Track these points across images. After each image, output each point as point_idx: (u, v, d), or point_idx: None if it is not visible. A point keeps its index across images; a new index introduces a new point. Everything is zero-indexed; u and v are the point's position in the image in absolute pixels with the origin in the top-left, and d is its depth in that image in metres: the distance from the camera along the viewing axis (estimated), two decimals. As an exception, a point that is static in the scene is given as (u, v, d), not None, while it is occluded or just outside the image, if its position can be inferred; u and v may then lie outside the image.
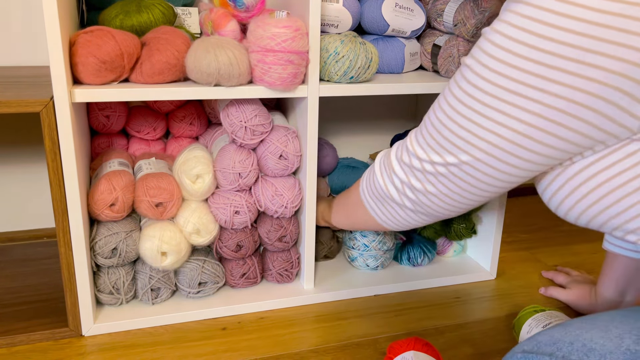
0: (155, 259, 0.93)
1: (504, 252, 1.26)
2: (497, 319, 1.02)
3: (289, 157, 0.98)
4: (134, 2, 0.93)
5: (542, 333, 0.58)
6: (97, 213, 0.90)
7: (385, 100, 1.39)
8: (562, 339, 0.54)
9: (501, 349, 0.93)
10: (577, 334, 0.54)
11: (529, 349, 0.56)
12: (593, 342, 0.52)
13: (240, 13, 0.94)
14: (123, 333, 0.93)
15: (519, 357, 0.56)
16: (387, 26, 1.05)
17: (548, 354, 0.53)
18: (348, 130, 1.40)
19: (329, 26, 1.00)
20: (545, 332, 0.58)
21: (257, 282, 1.06)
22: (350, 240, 1.12)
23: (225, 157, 0.96)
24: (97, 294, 0.95)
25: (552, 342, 0.55)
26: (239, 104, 0.95)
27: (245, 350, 0.90)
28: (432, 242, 1.19)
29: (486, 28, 0.58)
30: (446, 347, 0.93)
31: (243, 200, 0.98)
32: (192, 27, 1.01)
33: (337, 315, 1.01)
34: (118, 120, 1.03)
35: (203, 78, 0.85)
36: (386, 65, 1.07)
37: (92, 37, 0.82)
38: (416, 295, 1.09)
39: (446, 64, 1.05)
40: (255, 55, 0.87)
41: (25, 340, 0.89)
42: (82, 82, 0.84)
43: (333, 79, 0.96)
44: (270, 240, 1.02)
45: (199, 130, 1.10)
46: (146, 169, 0.97)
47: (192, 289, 0.99)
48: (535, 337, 0.58)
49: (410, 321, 1.00)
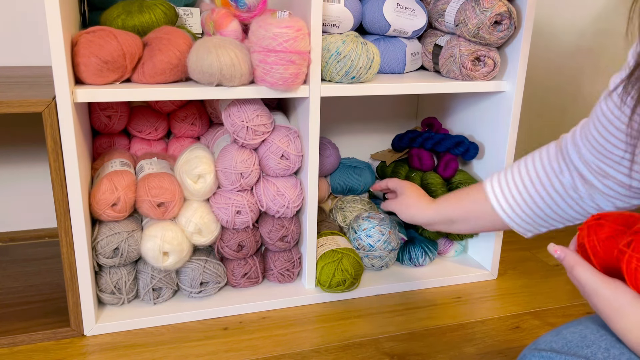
0: (156, 258, 0.93)
1: (505, 252, 1.26)
2: (498, 318, 1.02)
3: (291, 157, 0.98)
4: (135, 3, 0.93)
5: (571, 330, 0.55)
6: (99, 213, 0.90)
7: (387, 101, 1.40)
8: (597, 342, 0.52)
9: (503, 349, 0.93)
10: (615, 340, 0.52)
11: (558, 347, 0.53)
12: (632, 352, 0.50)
13: (242, 13, 0.94)
14: (125, 333, 0.94)
15: (546, 355, 0.53)
16: (388, 26, 1.05)
17: (583, 356, 0.51)
18: (349, 130, 1.40)
19: (331, 26, 1.00)
20: (575, 330, 0.55)
21: (258, 282, 1.06)
22: (355, 240, 1.12)
23: (227, 157, 0.96)
24: (98, 294, 0.95)
25: (585, 344, 0.53)
26: (241, 104, 0.95)
27: (247, 350, 0.90)
28: (434, 242, 1.19)
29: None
30: (447, 347, 0.93)
31: (244, 200, 0.98)
32: (193, 27, 1.01)
33: (338, 315, 1.01)
34: (120, 120, 1.03)
35: (205, 78, 0.86)
36: (387, 66, 1.07)
37: (94, 37, 0.82)
38: (417, 295, 1.09)
39: (447, 64, 1.05)
40: (257, 56, 0.87)
41: (27, 340, 0.89)
42: (84, 82, 0.84)
43: (334, 79, 0.96)
44: (271, 240, 1.02)
45: (201, 130, 1.10)
46: (148, 169, 0.97)
47: (193, 288, 0.99)
48: (562, 333, 0.55)
49: (411, 321, 1.00)
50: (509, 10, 0.97)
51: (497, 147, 1.10)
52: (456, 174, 1.16)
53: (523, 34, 1.00)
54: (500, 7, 0.96)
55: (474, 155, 1.14)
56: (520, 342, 0.95)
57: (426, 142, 1.18)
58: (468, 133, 1.20)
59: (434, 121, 1.25)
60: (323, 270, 1.03)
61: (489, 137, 1.13)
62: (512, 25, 0.98)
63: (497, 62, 1.03)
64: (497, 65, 1.03)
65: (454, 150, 1.15)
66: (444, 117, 1.29)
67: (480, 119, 1.15)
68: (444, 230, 0.91)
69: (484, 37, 0.98)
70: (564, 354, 0.52)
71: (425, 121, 1.27)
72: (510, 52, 1.04)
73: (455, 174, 1.16)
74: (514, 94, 1.04)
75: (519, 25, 1.01)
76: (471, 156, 1.14)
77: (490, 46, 1.02)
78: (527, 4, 0.99)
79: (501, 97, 1.08)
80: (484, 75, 1.03)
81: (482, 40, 1.00)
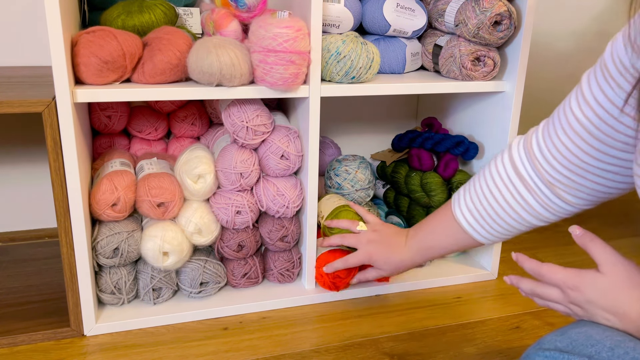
0: (156, 259, 0.93)
1: (505, 252, 1.26)
2: (498, 318, 1.02)
3: (291, 157, 0.98)
4: (135, 3, 0.93)
5: (577, 330, 0.55)
6: (98, 213, 0.90)
7: (387, 101, 1.40)
8: (602, 341, 0.52)
9: (503, 349, 0.93)
10: (620, 340, 0.52)
11: (562, 347, 0.53)
12: (637, 351, 0.50)
13: (242, 13, 0.94)
14: (124, 333, 0.94)
15: (550, 355, 0.53)
16: (388, 26, 1.05)
17: (587, 355, 0.51)
18: (349, 130, 1.40)
19: (331, 26, 1.00)
20: (581, 330, 0.55)
21: (258, 282, 1.06)
22: (328, 180, 1.12)
23: (227, 157, 0.96)
24: (98, 294, 0.95)
25: (590, 343, 0.52)
26: (241, 104, 0.95)
27: (247, 350, 0.90)
28: (433, 242, 1.19)
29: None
30: (448, 347, 0.93)
31: (244, 200, 0.98)
32: (193, 27, 1.01)
33: (338, 315, 1.01)
34: (120, 121, 1.03)
35: (205, 78, 0.86)
36: (387, 66, 1.07)
37: (94, 37, 0.82)
38: (417, 295, 1.09)
39: (447, 64, 1.05)
40: (257, 56, 0.87)
41: (27, 340, 0.89)
42: (84, 82, 0.84)
43: (334, 79, 0.96)
44: (271, 240, 1.02)
45: (201, 130, 1.10)
46: (148, 169, 0.97)
47: (193, 289, 0.99)
48: (568, 333, 0.55)
49: (411, 321, 1.00)
50: (509, 10, 0.97)
51: (497, 147, 1.10)
52: (456, 174, 1.16)
53: (523, 34, 1.00)
54: (500, 7, 0.96)
55: (474, 155, 1.14)
56: (520, 342, 0.95)
57: (426, 142, 1.18)
58: (468, 133, 1.20)
59: (433, 121, 1.25)
60: (339, 216, 1.04)
61: (489, 137, 1.13)
62: (512, 25, 0.98)
63: (497, 62, 1.03)
64: (497, 65, 1.03)
65: (454, 150, 1.15)
66: (443, 117, 1.29)
67: (480, 119, 1.15)
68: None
69: (484, 37, 0.98)
70: (569, 353, 0.52)
71: (425, 121, 1.27)
72: (510, 52, 1.04)
73: (455, 174, 1.16)
74: (514, 94, 1.04)
75: (519, 25, 1.01)
76: (471, 156, 1.14)
77: (490, 46, 1.02)
78: (527, 4, 0.99)
79: (501, 97, 1.08)
80: (484, 75, 1.03)
81: (482, 41, 1.00)
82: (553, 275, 0.64)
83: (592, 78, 0.65)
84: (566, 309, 0.64)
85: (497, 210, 0.77)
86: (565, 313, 0.66)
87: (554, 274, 0.64)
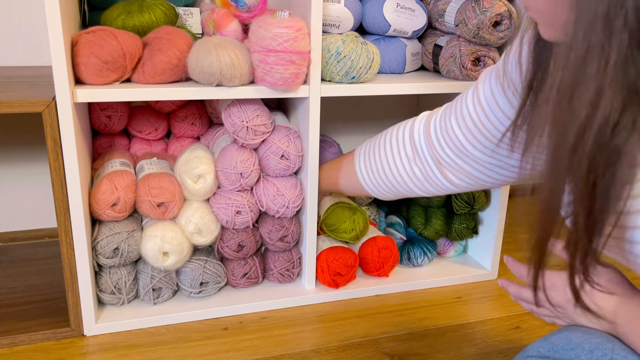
0: (156, 259, 0.93)
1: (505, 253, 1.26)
2: (498, 318, 1.02)
3: (291, 157, 0.98)
4: (135, 3, 0.93)
5: (558, 336, 0.56)
6: (98, 213, 0.90)
7: (387, 100, 1.40)
8: (582, 345, 0.53)
9: (502, 349, 0.93)
10: (598, 342, 0.53)
11: (545, 353, 0.54)
12: (615, 352, 0.51)
13: (242, 13, 0.94)
14: (124, 333, 0.94)
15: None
16: (388, 26, 1.05)
17: (567, 359, 0.52)
18: (349, 130, 1.40)
19: (331, 26, 1.00)
20: (562, 335, 0.56)
21: (258, 282, 1.06)
22: None
23: (227, 157, 0.96)
24: (98, 294, 0.95)
25: (570, 347, 0.53)
26: (241, 104, 0.95)
27: (247, 350, 0.90)
28: (433, 242, 1.19)
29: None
30: (448, 347, 0.93)
31: (244, 200, 0.98)
32: (193, 27, 1.01)
33: (338, 315, 1.01)
34: (120, 121, 1.03)
35: (205, 78, 0.86)
36: (387, 66, 1.07)
37: (94, 37, 0.82)
38: (417, 295, 1.09)
39: (447, 64, 1.05)
40: (257, 56, 0.87)
41: (27, 340, 0.89)
42: (84, 82, 0.84)
43: (335, 79, 0.96)
44: (271, 240, 1.02)
45: (201, 130, 1.10)
46: (148, 169, 0.97)
47: (193, 289, 0.99)
48: (550, 339, 0.56)
49: (411, 321, 1.00)
50: (509, 10, 0.97)
51: (497, 147, 1.10)
52: (456, 174, 1.16)
53: (523, 34, 1.00)
54: (500, 7, 0.96)
55: (474, 156, 1.14)
56: (520, 342, 0.95)
57: (426, 142, 1.18)
58: (468, 133, 1.20)
59: (434, 121, 1.25)
60: (333, 213, 1.06)
61: (489, 137, 1.13)
62: (512, 25, 0.98)
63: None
64: (497, 65, 1.03)
65: (454, 150, 1.15)
66: (444, 117, 1.29)
67: (480, 119, 1.15)
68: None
69: (484, 37, 0.98)
70: (549, 358, 0.53)
71: (425, 121, 1.27)
72: (510, 52, 1.04)
73: (455, 174, 1.16)
74: (514, 94, 1.04)
75: (519, 25, 1.01)
76: (471, 156, 1.14)
77: (490, 46, 1.02)
78: (527, 4, 0.99)
79: (501, 97, 1.08)
80: (484, 76, 1.03)
81: (482, 41, 1.00)
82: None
83: (488, 80, 0.68)
84: (550, 313, 0.65)
85: (387, 171, 0.86)
86: (550, 320, 0.67)
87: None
